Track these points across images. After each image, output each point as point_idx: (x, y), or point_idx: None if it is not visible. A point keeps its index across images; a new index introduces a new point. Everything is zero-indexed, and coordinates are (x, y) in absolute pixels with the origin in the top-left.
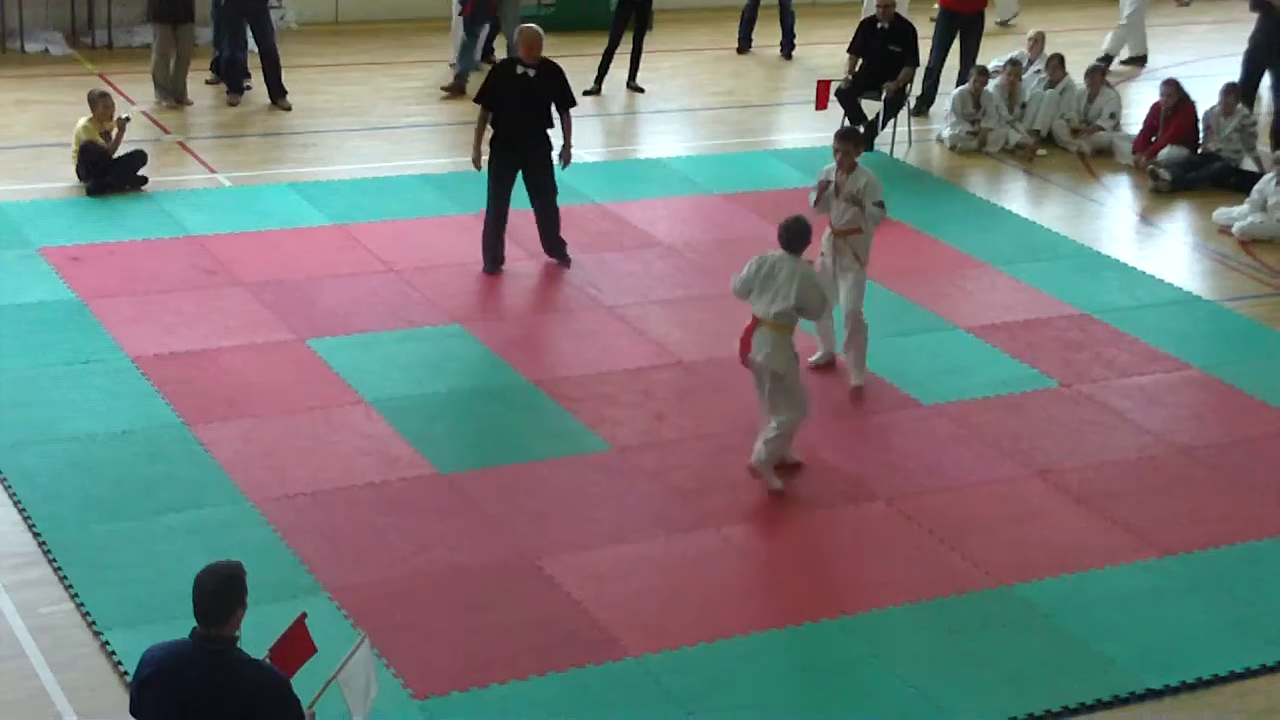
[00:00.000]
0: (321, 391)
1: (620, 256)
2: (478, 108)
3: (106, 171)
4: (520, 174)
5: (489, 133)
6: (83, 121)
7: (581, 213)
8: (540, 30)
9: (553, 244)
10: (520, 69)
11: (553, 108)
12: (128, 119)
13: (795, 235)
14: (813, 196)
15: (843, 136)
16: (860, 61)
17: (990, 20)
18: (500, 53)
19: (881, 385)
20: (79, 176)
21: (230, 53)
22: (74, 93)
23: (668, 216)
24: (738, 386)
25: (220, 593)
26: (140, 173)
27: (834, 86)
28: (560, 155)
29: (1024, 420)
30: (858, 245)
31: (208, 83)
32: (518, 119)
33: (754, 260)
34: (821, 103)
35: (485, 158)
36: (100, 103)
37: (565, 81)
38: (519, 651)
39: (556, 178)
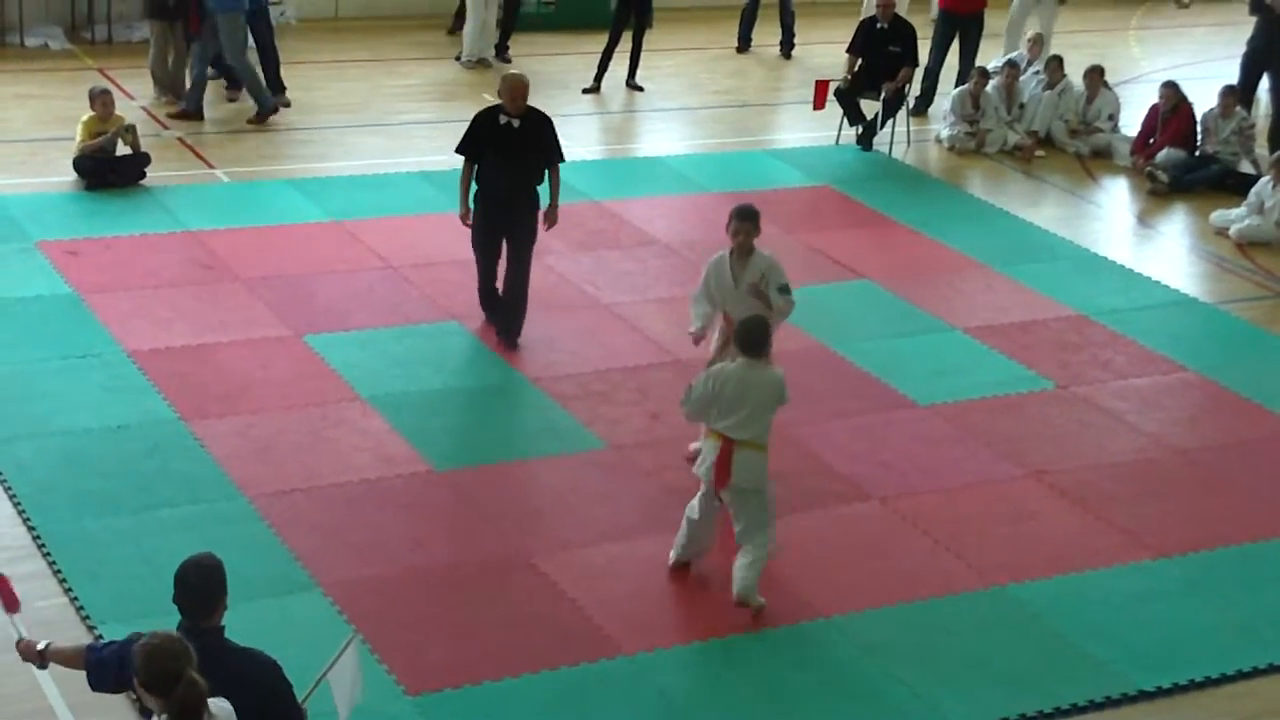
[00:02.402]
0: (318, 388)
1: (618, 254)
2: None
3: (107, 172)
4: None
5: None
6: (84, 118)
7: (580, 210)
8: (524, 77)
9: (510, 327)
10: (504, 119)
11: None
12: (132, 126)
13: (759, 338)
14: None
15: (741, 216)
16: (859, 61)
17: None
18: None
19: (877, 385)
20: (77, 172)
21: None
22: (73, 87)
23: (666, 215)
24: None
25: (206, 585)
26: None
27: (833, 87)
28: (545, 216)
29: (1020, 421)
30: None
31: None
32: (501, 175)
33: (708, 376)
34: (819, 103)
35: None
36: (100, 99)
37: (554, 133)
38: (513, 649)
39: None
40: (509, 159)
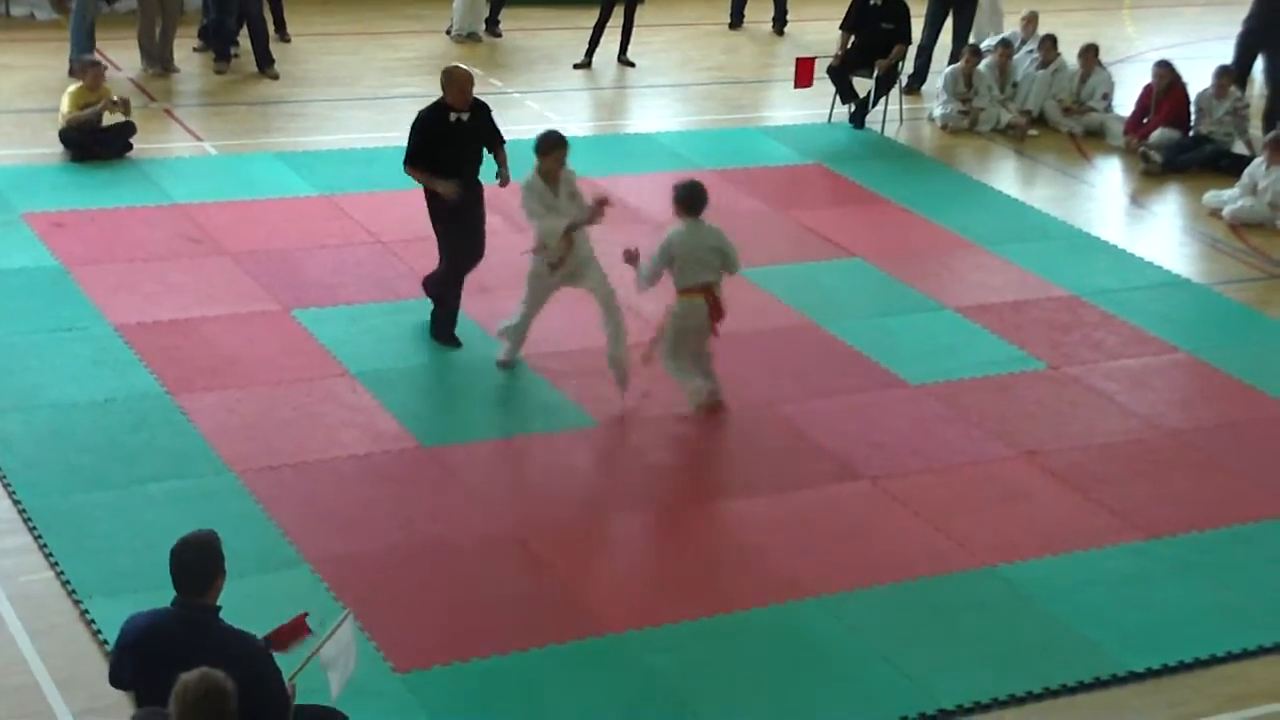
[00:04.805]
0: (306, 363)
1: (608, 231)
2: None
3: (92, 144)
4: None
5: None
6: (71, 89)
7: None
8: (468, 70)
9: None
10: (453, 116)
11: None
12: (123, 101)
13: (703, 197)
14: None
15: (562, 143)
16: (853, 38)
17: None
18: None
19: (868, 365)
20: (63, 143)
21: (217, 20)
22: (59, 58)
23: (657, 192)
24: (724, 363)
25: (201, 563)
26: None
27: (828, 65)
28: (498, 176)
29: (1011, 401)
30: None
31: (195, 50)
32: (457, 172)
33: (665, 246)
34: (800, 81)
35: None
36: (90, 71)
37: (493, 119)
38: (501, 626)
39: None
40: (462, 155)
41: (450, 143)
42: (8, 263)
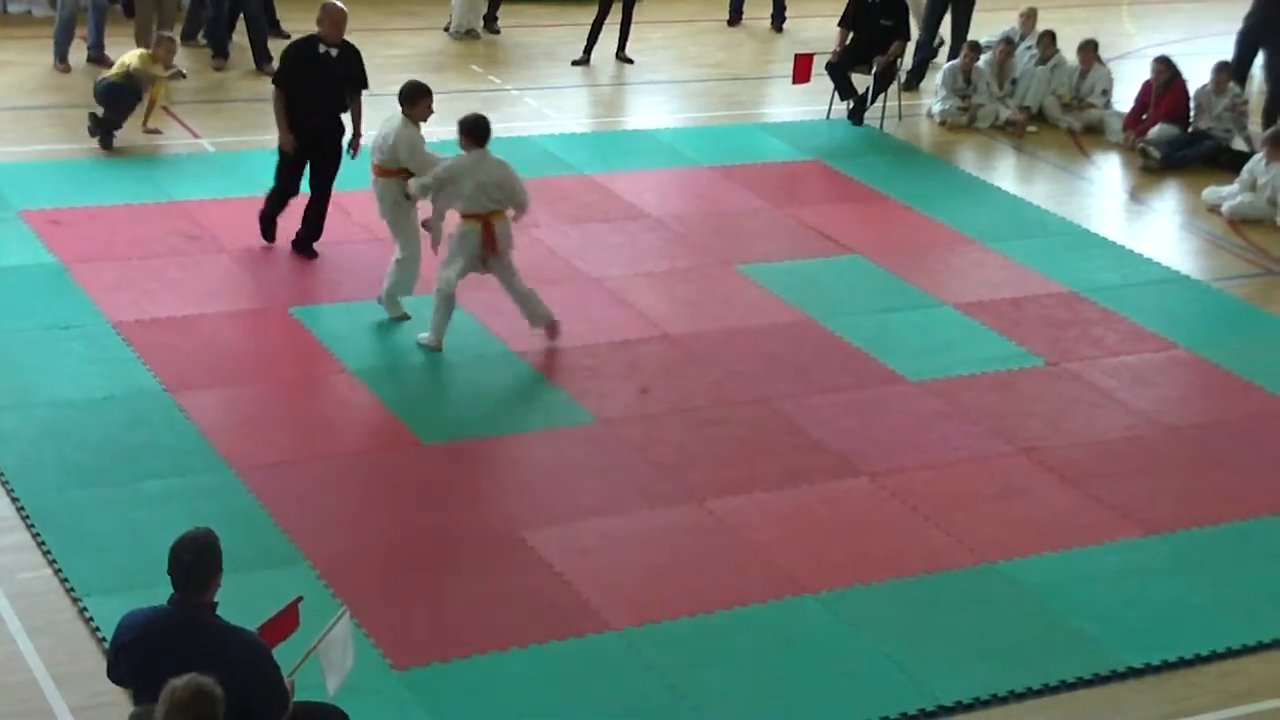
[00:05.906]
0: (304, 360)
1: (606, 228)
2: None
3: (120, 112)
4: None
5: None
6: (141, 52)
7: (568, 184)
8: (344, 8)
9: (309, 238)
10: (322, 48)
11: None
12: (183, 75)
13: (488, 128)
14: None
15: (428, 92)
16: (851, 35)
17: None
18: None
19: (867, 361)
20: (95, 93)
21: (215, 17)
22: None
23: (655, 188)
24: (723, 360)
25: (199, 561)
26: (119, 134)
27: (826, 61)
28: (350, 144)
29: (1010, 398)
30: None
31: (201, 45)
32: (313, 102)
33: (446, 167)
34: (798, 77)
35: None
36: (163, 45)
37: (362, 63)
38: (500, 623)
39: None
40: (327, 87)
41: (315, 73)
42: (5, 260)
